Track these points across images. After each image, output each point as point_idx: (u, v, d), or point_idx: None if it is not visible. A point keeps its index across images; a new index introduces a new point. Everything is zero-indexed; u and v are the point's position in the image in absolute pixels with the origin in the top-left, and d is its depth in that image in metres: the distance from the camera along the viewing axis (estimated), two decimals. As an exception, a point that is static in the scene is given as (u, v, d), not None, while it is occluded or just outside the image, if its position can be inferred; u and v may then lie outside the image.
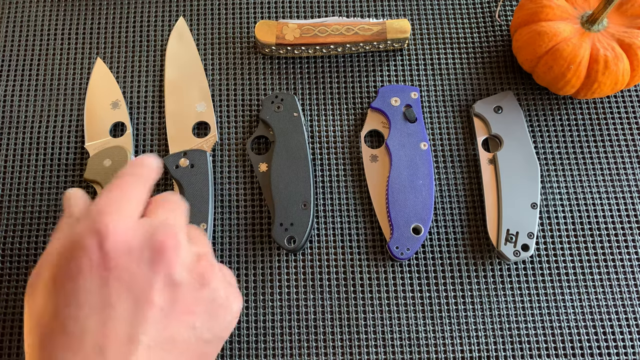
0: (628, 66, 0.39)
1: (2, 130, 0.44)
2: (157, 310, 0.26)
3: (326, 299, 0.40)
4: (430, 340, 0.39)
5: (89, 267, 0.25)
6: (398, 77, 0.46)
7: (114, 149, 0.41)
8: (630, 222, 0.42)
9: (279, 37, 0.44)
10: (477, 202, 0.42)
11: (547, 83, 0.42)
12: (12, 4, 0.48)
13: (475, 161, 0.43)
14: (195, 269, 0.28)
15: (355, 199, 0.42)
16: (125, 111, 0.44)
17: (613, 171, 0.43)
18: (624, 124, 0.45)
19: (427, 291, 0.40)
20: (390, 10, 0.48)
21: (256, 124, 0.44)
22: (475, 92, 0.45)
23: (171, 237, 0.27)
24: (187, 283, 0.27)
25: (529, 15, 0.41)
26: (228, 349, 0.39)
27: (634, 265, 0.41)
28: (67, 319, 0.25)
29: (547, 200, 0.42)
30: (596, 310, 0.40)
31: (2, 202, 0.42)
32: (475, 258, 0.41)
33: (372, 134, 0.44)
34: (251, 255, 0.41)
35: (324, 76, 0.46)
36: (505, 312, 0.40)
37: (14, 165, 0.43)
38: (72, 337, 0.24)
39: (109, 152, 0.41)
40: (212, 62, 0.46)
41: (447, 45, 0.47)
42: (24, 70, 0.46)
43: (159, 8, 0.48)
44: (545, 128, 0.44)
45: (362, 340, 0.39)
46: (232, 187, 0.43)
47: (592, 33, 0.40)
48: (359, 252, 0.41)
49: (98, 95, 0.44)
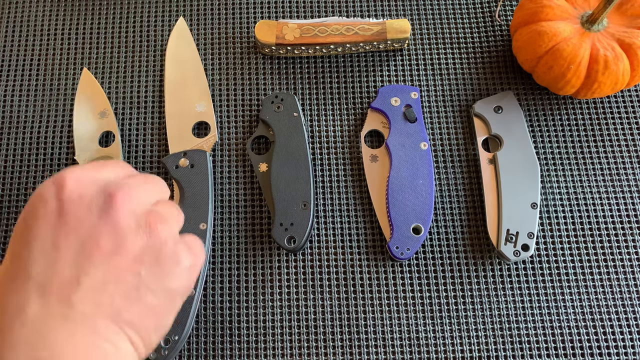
0: (628, 66, 0.39)
1: (2, 130, 0.44)
2: (102, 254, 0.27)
3: (326, 299, 0.40)
4: (430, 340, 0.39)
5: (44, 214, 0.27)
6: (398, 77, 0.46)
7: (103, 159, 0.41)
8: (630, 222, 0.42)
9: (279, 37, 0.44)
10: (477, 202, 0.42)
11: (547, 83, 0.42)
12: (12, 4, 0.48)
13: (475, 161, 0.43)
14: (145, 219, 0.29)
15: (355, 199, 0.42)
16: (114, 120, 0.44)
17: (613, 171, 0.43)
18: (624, 124, 0.45)
19: (427, 291, 0.40)
20: (390, 10, 0.48)
21: (256, 124, 0.44)
22: (475, 92, 0.45)
23: (124, 190, 0.28)
24: (134, 230, 0.28)
25: (529, 15, 0.41)
26: (228, 349, 0.39)
27: (634, 265, 0.41)
28: (17, 264, 0.26)
29: (547, 200, 0.42)
30: (596, 310, 0.40)
31: (2, 202, 0.42)
32: (475, 258, 0.41)
33: (372, 134, 0.44)
34: (251, 255, 0.41)
35: (324, 76, 0.46)
36: (505, 312, 0.40)
37: (14, 165, 0.43)
38: (20, 279, 0.26)
39: None
40: (212, 62, 0.46)
41: (447, 45, 0.47)
42: (24, 70, 0.46)
43: (159, 8, 0.48)
44: (545, 128, 0.44)
45: (362, 340, 0.39)
46: (232, 187, 0.43)
47: (592, 33, 0.40)
48: (359, 252, 0.41)
49: (86, 106, 0.44)
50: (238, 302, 0.40)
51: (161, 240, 0.29)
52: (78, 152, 0.42)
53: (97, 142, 0.43)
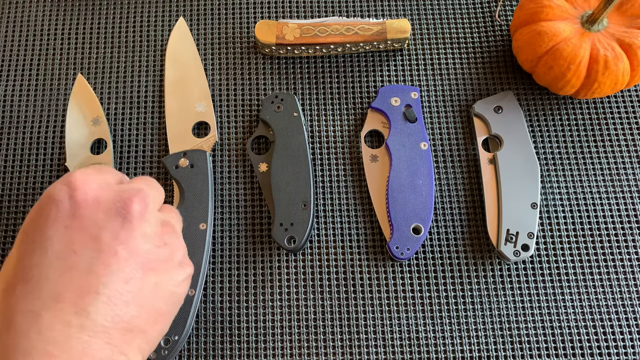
0: (628, 66, 0.39)
1: (2, 130, 0.44)
2: (119, 261, 0.26)
3: (326, 299, 0.40)
4: (430, 340, 0.39)
5: (56, 216, 0.26)
6: (398, 77, 0.46)
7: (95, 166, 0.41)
8: (630, 222, 0.42)
9: (279, 37, 0.44)
10: (477, 202, 0.42)
11: (547, 83, 0.42)
12: (12, 4, 0.48)
13: (475, 161, 0.43)
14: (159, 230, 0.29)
15: (355, 199, 0.42)
16: (106, 127, 0.43)
17: (613, 171, 0.43)
18: (624, 124, 0.45)
19: (427, 291, 0.40)
20: (390, 10, 0.48)
21: (256, 124, 0.44)
22: (475, 92, 0.45)
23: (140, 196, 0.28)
24: (149, 239, 0.28)
25: (529, 15, 0.41)
26: (228, 349, 0.39)
27: (634, 265, 0.41)
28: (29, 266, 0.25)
29: (547, 200, 0.42)
30: (596, 310, 0.40)
31: (2, 202, 0.42)
32: (475, 258, 0.41)
33: (372, 134, 0.44)
34: (251, 255, 0.41)
35: (324, 76, 0.46)
36: (505, 312, 0.40)
37: (14, 165, 0.43)
38: (32, 284, 0.25)
39: None
40: (212, 62, 0.46)
41: (447, 45, 0.47)
42: (24, 70, 0.46)
43: (159, 8, 0.48)
44: (545, 128, 0.44)
45: (362, 340, 0.39)
46: (232, 187, 0.43)
47: (592, 33, 0.40)
48: (359, 252, 0.41)
49: (79, 112, 0.44)
50: (238, 302, 0.40)
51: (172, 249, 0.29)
52: (69, 158, 0.42)
53: (89, 149, 0.42)
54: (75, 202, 0.26)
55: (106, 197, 0.27)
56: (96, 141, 0.43)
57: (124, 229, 0.27)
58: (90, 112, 0.44)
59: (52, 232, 0.26)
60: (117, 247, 0.26)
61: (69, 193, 0.26)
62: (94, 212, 0.26)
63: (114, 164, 0.43)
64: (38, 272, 0.25)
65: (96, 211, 0.26)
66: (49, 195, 0.27)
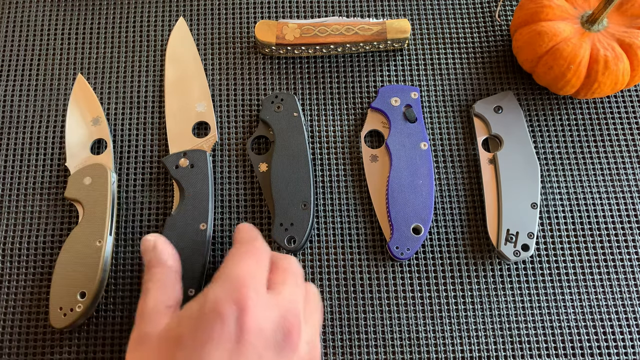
0: (628, 66, 0.39)
1: (2, 130, 0.44)
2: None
3: (326, 299, 0.40)
4: (430, 340, 0.39)
5: (220, 336, 0.26)
6: (398, 77, 0.46)
7: (95, 167, 0.41)
8: (630, 222, 0.42)
9: (279, 37, 0.44)
10: (477, 202, 0.42)
11: (547, 83, 0.42)
12: (12, 4, 0.48)
13: (475, 161, 0.43)
14: (309, 345, 0.29)
15: (355, 199, 0.42)
16: (106, 127, 0.43)
17: (613, 171, 0.43)
18: (624, 124, 0.45)
19: (427, 291, 0.40)
20: (390, 10, 0.48)
21: (256, 124, 0.44)
22: (475, 92, 0.45)
23: (297, 322, 0.28)
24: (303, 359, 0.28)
25: (529, 15, 0.41)
26: (228, 349, 0.39)
27: (634, 265, 0.41)
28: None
29: (547, 200, 0.42)
30: (596, 310, 0.40)
31: (2, 202, 0.42)
32: (475, 258, 0.41)
33: (372, 134, 0.44)
34: (251, 255, 0.41)
35: (324, 76, 0.46)
36: (505, 312, 0.40)
37: (14, 165, 0.43)
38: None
39: (89, 169, 0.41)
40: (212, 62, 0.46)
41: (447, 45, 0.47)
42: (24, 70, 0.46)
43: (159, 8, 0.48)
44: (545, 128, 0.44)
45: (362, 340, 0.39)
46: (232, 187, 0.43)
47: (592, 33, 0.40)
48: (359, 252, 0.41)
49: (79, 112, 0.44)
50: (238, 302, 0.40)
51: (315, 356, 0.30)
52: (69, 158, 0.42)
53: (89, 149, 0.42)
54: (242, 327, 0.26)
55: (269, 324, 0.27)
56: (96, 141, 0.43)
57: (280, 358, 0.27)
58: (90, 112, 0.44)
59: (215, 352, 0.26)
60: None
61: (237, 314, 0.26)
62: (257, 339, 0.26)
63: (114, 164, 0.43)
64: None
65: (258, 339, 0.26)
66: (216, 310, 0.26)
